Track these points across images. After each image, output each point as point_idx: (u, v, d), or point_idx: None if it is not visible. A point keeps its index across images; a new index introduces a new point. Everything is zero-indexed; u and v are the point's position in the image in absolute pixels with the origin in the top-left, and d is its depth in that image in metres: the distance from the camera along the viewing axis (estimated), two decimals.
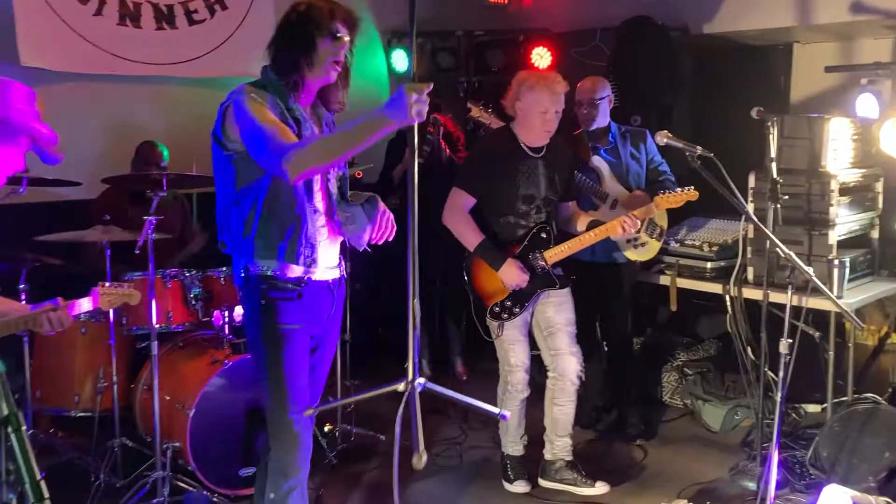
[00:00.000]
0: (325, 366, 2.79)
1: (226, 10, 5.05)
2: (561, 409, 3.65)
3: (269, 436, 2.64)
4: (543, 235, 3.55)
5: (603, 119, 4.14)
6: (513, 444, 3.72)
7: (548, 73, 3.57)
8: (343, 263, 2.75)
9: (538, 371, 3.80)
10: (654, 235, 4.01)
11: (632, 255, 4.10)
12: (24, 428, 1.19)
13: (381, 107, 2.11)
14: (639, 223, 3.55)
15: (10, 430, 1.18)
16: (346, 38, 2.46)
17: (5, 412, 1.19)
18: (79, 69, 4.60)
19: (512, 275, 3.45)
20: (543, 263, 3.52)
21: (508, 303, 3.51)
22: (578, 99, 4.14)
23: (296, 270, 2.51)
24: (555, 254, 3.53)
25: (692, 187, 3.68)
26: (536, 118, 3.44)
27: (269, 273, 2.49)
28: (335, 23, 2.43)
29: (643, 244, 4.07)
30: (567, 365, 3.59)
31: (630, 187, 4.10)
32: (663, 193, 3.71)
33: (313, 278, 2.56)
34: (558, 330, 3.60)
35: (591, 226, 3.59)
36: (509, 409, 3.61)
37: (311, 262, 2.53)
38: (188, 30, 4.93)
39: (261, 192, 2.45)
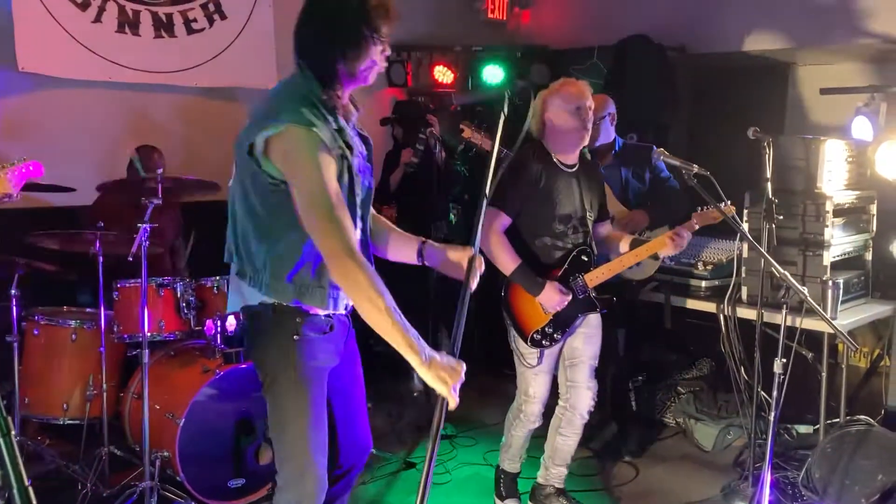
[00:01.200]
0: (358, 385, 2.53)
1: (225, 19, 5.06)
2: (565, 440, 3.53)
3: (287, 481, 2.30)
4: (584, 258, 3.37)
5: (606, 136, 4.13)
6: (511, 462, 3.62)
7: (571, 80, 3.41)
8: None
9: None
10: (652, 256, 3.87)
11: (629, 274, 4.05)
12: (13, 433, 1.17)
13: (426, 352, 2.03)
14: (690, 236, 3.34)
15: None
16: (388, 40, 2.20)
17: None
18: (77, 75, 4.59)
19: (552, 299, 3.25)
20: (584, 287, 3.34)
21: (549, 329, 3.33)
22: None
23: (331, 302, 2.27)
24: (596, 276, 3.35)
25: (729, 202, 3.40)
26: (570, 117, 3.26)
27: (303, 309, 2.23)
28: (386, 27, 2.17)
29: (638, 263, 4.02)
30: (581, 399, 3.46)
31: (629, 205, 4.09)
32: (701, 210, 3.45)
33: (344, 305, 2.32)
34: (582, 363, 3.45)
35: (634, 245, 3.41)
36: (517, 434, 3.52)
37: (348, 306, 2.30)
38: (187, 38, 4.93)
39: (306, 235, 2.13)
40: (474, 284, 2.17)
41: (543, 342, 3.35)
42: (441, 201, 4.60)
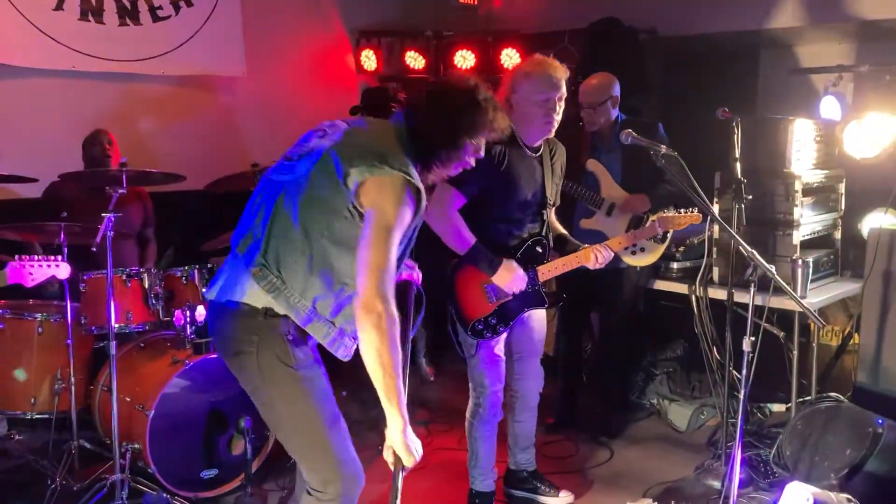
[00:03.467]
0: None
1: (191, 6, 4.99)
2: (522, 424, 3.51)
3: (321, 491, 2.35)
4: (539, 249, 3.23)
5: (607, 119, 4.06)
6: (482, 478, 3.44)
7: (544, 58, 3.13)
8: None
9: None
10: (656, 239, 3.81)
11: (630, 260, 4.00)
12: None
13: (402, 418, 2.20)
14: (612, 254, 3.24)
15: None
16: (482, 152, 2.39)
17: None
18: (40, 65, 4.52)
19: (511, 279, 3.11)
20: (534, 280, 3.21)
21: (493, 320, 3.20)
22: (580, 101, 4.06)
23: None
24: (549, 270, 3.23)
25: (695, 209, 3.39)
26: (536, 108, 3.07)
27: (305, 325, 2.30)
28: (490, 133, 2.36)
29: (642, 249, 3.94)
30: (530, 388, 3.44)
31: (637, 186, 4.00)
32: (665, 213, 3.43)
33: None
34: (529, 355, 3.40)
35: (558, 240, 3.33)
36: (480, 436, 3.36)
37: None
38: (152, 26, 4.86)
39: (348, 266, 2.23)
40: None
41: (486, 333, 3.20)
42: None
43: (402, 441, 2.21)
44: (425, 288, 2.87)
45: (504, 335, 3.28)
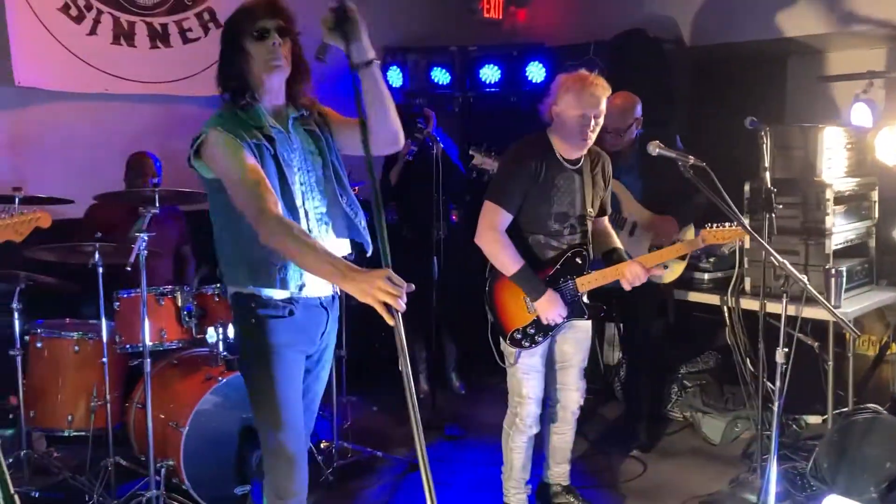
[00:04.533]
0: (321, 387, 2.67)
1: (220, 28, 5.03)
2: (561, 437, 3.50)
3: (264, 459, 2.51)
4: (578, 261, 3.24)
5: (631, 138, 4.04)
6: (516, 493, 3.42)
7: (587, 75, 3.16)
8: None
9: None
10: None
11: (654, 277, 3.98)
12: None
13: (349, 269, 2.08)
14: (644, 274, 3.18)
15: None
16: (275, 26, 2.34)
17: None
18: (74, 88, 4.62)
19: (550, 310, 3.15)
20: (574, 290, 3.23)
21: (531, 330, 3.22)
22: (605, 124, 4.05)
23: (284, 293, 2.42)
24: (587, 282, 3.22)
25: (734, 223, 3.23)
26: (573, 123, 3.10)
27: (257, 294, 2.41)
28: (258, 20, 2.34)
29: (664, 265, 3.91)
30: (570, 399, 3.43)
31: (653, 201, 3.97)
32: (710, 227, 3.32)
33: (304, 295, 2.46)
34: (572, 366, 3.39)
35: (609, 255, 3.33)
36: (516, 447, 3.36)
37: (301, 287, 2.42)
38: (182, 48, 4.95)
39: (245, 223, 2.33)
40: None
41: (523, 342, 3.23)
42: (441, 201, 4.58)
43: (352, 289, 2.06)
44: (453, 303, 2.90)
45: (544, 345, 3.29)
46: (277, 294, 2.40)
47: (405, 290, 1.99)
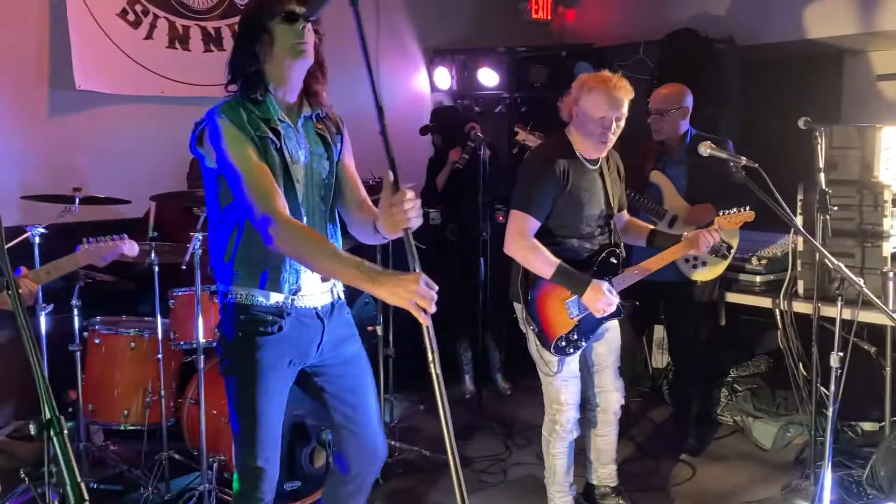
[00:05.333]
0: (366, 393, 2.54)
1: None
2: (604, 439, 3.49)
3: (235, 459, 2.46)
4: (613, 260, 3.23)
5: (675, 130, 4.02)
6: (561, 496, 3.39)
7: (611, 76, 3.11)
8: (337, 285, 2.48)
9: None
10: (720, 254, 3.68)
11: (693, 275, 3.94)
12: (65, 431, 1.22)
13: (376, 273, 2.02)
14: (719, 236, 3.24)
15: (52, 433, 1.21)
16: (301, 11, 2.23)
17: (48, 416, 1.22)
18: (131, 91, 4.73)
19: (600, 299, 3.08)
20: (612, 290, 3.19)
21: (574, 336, 3.19)
22: (650, 107, 4.04)
23: (277, 297, 2.33)
24: (623, 280, 3.23)
25: (748, 207, 3.39)
26: (593, 124, 3.08)
27: (247, 302, 2.31)
28: (287, 4, 2.23)
29: (703, 263, 3.90)
30: (610, 400, 3.42)
31: (698, 200, 3.94)
32: (724, 213, 3.37)
33: (297, 305, 2.36)
34: (607, 367, 3.39)
35: (656, 237, 3.37)
36: (558, 453, 3.34)
37: (295, 290, 2.34)
38: None
39: (242, 212, 2.26)
40: None
41: (568, 349, 3.21)
42: (486, 202, 4.59)
43: (381, 294, 2.01)
44: (499, 304, 2.88)
45: (574, 356, 3.28)
46: (270, 299, 2.32)
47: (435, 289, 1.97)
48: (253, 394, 2.33)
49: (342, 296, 2.52)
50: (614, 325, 3.39)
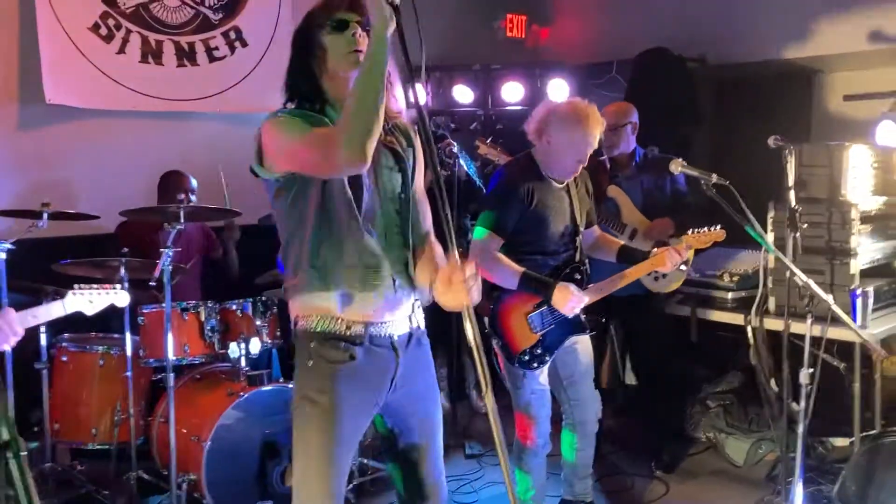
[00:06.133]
0: (435, 433, 2.33)
1: (246, 46, 5.14)
2: (581, 453, 3.47)
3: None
4: (577, 276, 3.26)
5: (626, 145, 4.11)
6: None
7: (585, 112, 3.12)
8: (416, 314, 2.27)
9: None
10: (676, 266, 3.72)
11: (652, 287, 4.01)
12: (23, 454, 1.19)
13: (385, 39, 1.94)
14: (686, 255, 3.27)
15: (9, 454, 1.18)
16: (356, 20, 2.10)
17: (5, 437, 1.18)
18: (102, 106, 4.68)
19: (568, 300, 3.09)
20: None
21: (538, 350, 3.22)
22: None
23: (352, 319, 2.13)
24: (588, 294, 3.23)
25: (719, 226, 3.41)
26: (569, 159, 3.15)
27: (318, 329, 2.13)
28: (335, 12, 2.11)
29: (663, 275, 3.94)
30: (587, 412, 3.42)
31: (649, 215, 4.06)
32: (694, 232, 3.40)
33: (374, 333, 2.16)
34: (581, 380, 3.38)
35: (624, 252, 3.38)
36: (531, 468, 3.32)
37: (371, 308, 2.14)
38: (209, 66, 5.01)
39: (308, 221, 2.11)
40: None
41: (532, 364, 3.22)
42: (460, 218, 4.60)
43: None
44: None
45: (548, 364, 3.28)
46: (344, 323, 2.13)
47: None
48: (323, 429, 2.11)
49: (422, 324, 2.31)
50: (584, 338, 3.39)
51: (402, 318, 2.22)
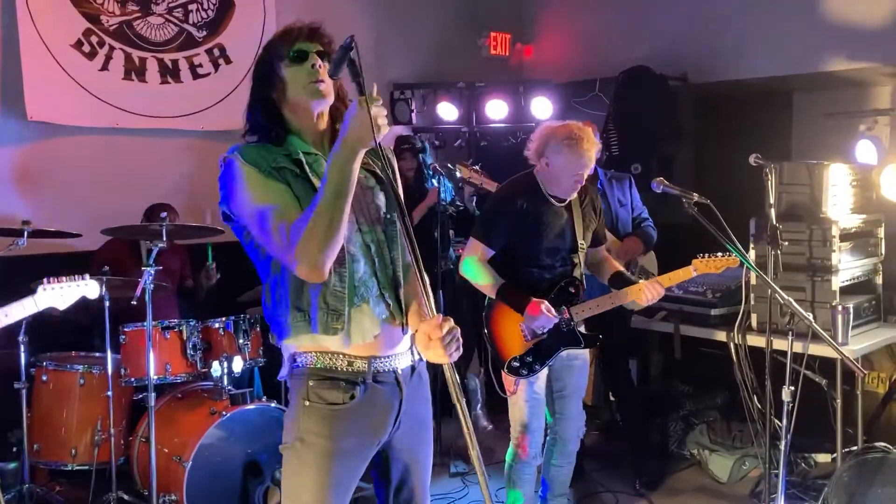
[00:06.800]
0: (426, 468, 2.24)
1: (230, 63, 5.14)
2: (559, 469, 3.47)
3: None
4: (572, 290, 3.30)
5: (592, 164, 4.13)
6: None
7: (579, 132, 3.20)
8: (415, 346, 2.13)
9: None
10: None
11: (629, 304, 4.00)
12: None
13: (342, 131, 1.85)
14: (663, 291, 3.27)
15: None
16: (315, 50, 2.04)
17: None
18: (85, 123, 4.66)
19: (537, 317, 3.16)
20: (569, 319, 3.27)
21: (529, 358, 3.25)
22: None
23: (354, 354, 2.02)
24: (581, 310, 3.29)
25: (730, 253, 3.28)
26: (566, 177, 3.22)
27: (317, 366, 2.02)
28: (295, 43, 2.04)
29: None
30: (570, 429, 3.43)
31: (619, 234, 4.08)
32: (703, 257, 3.36)
33: (378, 368, 2.05)
34: (570, 395, 3.40)
35: (616, 278, 3.37)
36: (520, 479, 3.33)
37: (370, 335, 2.03)
38: (192, 83, 5.01)
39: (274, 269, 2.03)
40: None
41: (522, 370, 3.26)
42: (445, 236, 4.60)
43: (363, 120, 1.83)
44: (477, 336, 2.84)
45: (543, 373, 3.30)
46: (344, 353, 2.02)
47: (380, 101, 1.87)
48: (312, 487, 2.01)
49: (423, 356, 2.15)
50: (582, 353, 3.42)
51: (404, 350, 2.12)
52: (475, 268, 3.26)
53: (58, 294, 2.87)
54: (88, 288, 2.89)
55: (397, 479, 2.18)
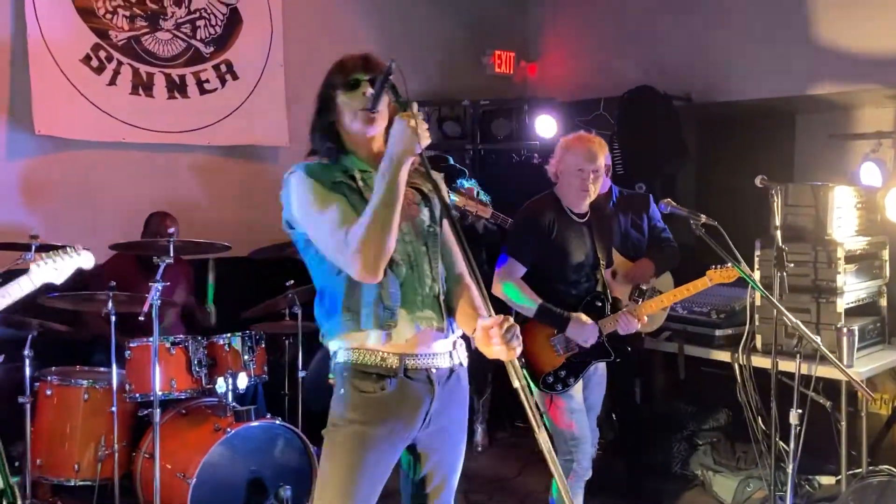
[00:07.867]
0: (447, 486, 2.30)
1: (237, 79, 5.16)
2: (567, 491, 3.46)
3: None
4: (598, 304, 3.38)
5: (604, 185, 4.13)
6: None
7: (587, 135, 3.44)
8: (458, 350, 2.28)
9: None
10: (645, 297, 3.75)
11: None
12: (18, 503, 1.17)
13: (388, 146, 2.08)
14: (637, 325, 3.38)
15: (4, 503, 1.16)
16: (367, 79, 2.19)
17: (0, 485, 1.17)
18: (92, 137, 4.68)
19: (583, 329, 3.25)
20: (600, 332, 3.31)
21: (563, 373, 3.32)
22: None
23: (387, 351, 2.16)
24: (609, 324, 3.35)
25: (728, 265, 3.34)
26: (573, 176, 3.33)
27: (354, 361, 2.16)
28: (351, 73, 2.22)
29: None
30: (584, 449, 3.37)
31: (630, 255, 4.08)
32: (716, 268, 3.43)
33: (409, 365, 2.17)
34: (588, 409, 3.42)
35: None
36: (575, 494, 3.28)
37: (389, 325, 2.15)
38: (199, 99, 5.03)
39: (338, 269, 2.17)
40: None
41: (556, 385, 3.31)
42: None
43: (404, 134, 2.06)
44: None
45: (578, 386, 3.35)
46: (378, 350, 2.16)
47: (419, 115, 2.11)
48: (343, 468, 2.14)
49: (464, 361, 2.30)
50: (602, 369, 3.47)
51: (442, 352, 2.24)
52: (516, 289, 3.30)
53: (52, 268, 2.85)
54: (83, 258, 2.87)
55: (425, 476, 2.27)
